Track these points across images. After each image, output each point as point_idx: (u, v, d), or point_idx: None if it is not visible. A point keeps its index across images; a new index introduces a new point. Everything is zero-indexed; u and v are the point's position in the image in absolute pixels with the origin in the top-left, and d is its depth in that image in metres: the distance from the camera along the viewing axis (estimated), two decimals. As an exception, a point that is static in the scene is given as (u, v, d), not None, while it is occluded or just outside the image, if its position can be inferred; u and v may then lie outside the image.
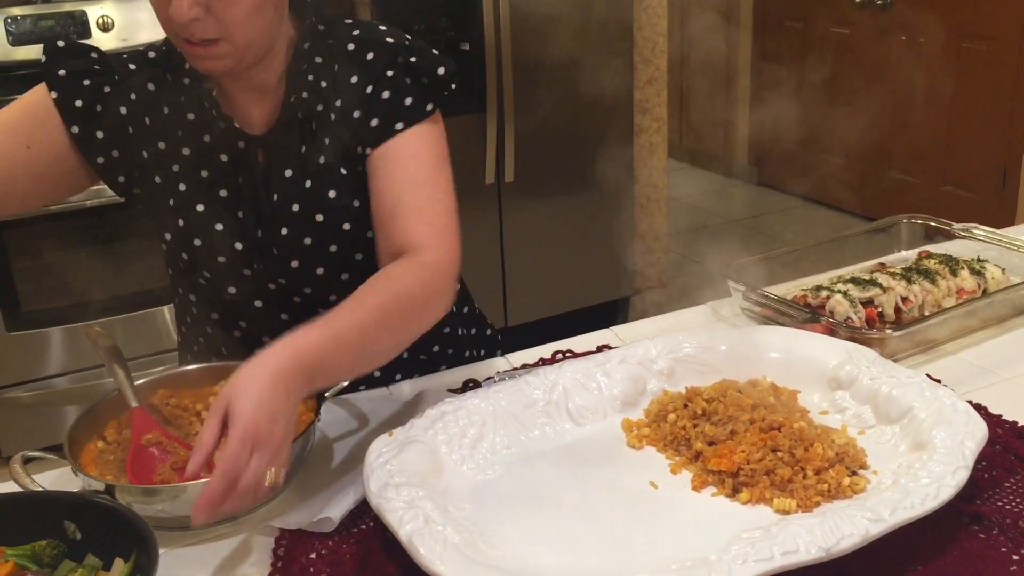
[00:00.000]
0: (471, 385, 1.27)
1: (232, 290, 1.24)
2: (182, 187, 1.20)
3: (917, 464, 0.99)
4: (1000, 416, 1.16)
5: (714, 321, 1.48)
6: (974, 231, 1.60)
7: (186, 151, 1.20)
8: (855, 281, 1.39)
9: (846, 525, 0.89)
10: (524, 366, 1.34)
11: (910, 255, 1.58)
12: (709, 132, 5.38)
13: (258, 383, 0.89)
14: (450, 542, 0.89)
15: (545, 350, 1.39)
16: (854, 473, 1.02)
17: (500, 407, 1.13)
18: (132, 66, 1.21)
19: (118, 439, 1.07)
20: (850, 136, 4.51)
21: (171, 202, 1.20)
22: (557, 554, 0.94)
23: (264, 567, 0.95)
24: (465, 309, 1.46)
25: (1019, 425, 1.14)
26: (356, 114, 1.18)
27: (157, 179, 1.21)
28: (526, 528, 0.98)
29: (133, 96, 1.19)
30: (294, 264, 1.21)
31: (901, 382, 1.12)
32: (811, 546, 0.86)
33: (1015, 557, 0.93)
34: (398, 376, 1.33)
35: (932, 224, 1.65)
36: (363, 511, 1.02)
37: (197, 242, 1.20)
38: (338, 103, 1.18)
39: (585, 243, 3.39)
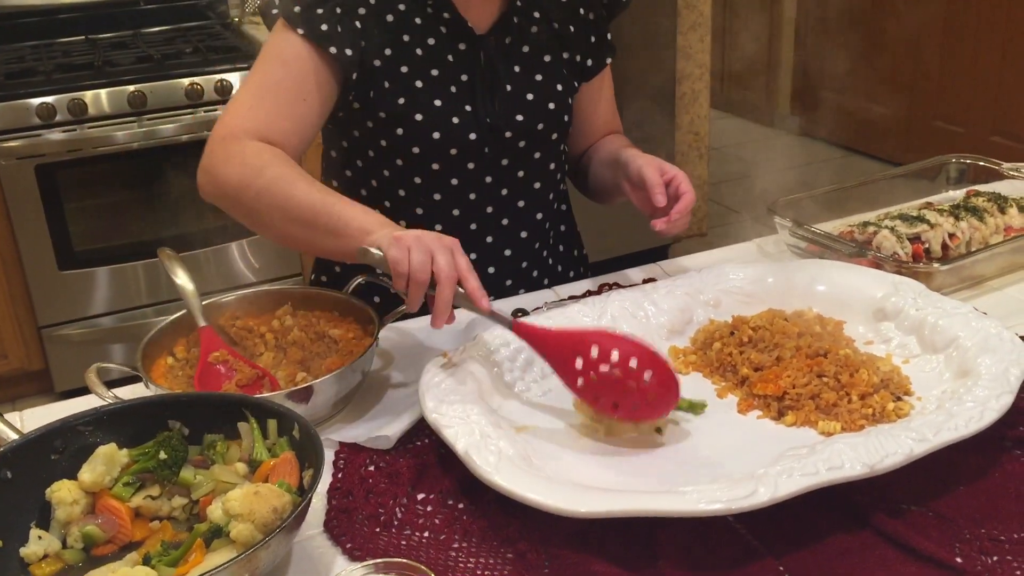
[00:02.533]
0: (520, 314, 1.30)
1: (455, 181, 1.35)
2: (418, 84, 1.30)
3: (962, 390, 1.01)
4: (1045, 348, 1.17)
5: (759, 257, 1.49)
6: (1023, 170, 1.59)
7: (418, 52, 1.30)
8: (902, 217, 1.40)
9: (891, 444, 0.91)
10: (571, 298, 1.36)
11: (957, 195, 1.58)
12: (751, 81, 5.32)
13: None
14: (505, 454, 0.93)
15: (592, 283, 1.42)
16: (899, 399, 1.05)
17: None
18: None
19: (187, 357, 1.12)
20: (895, 85, 4.44)
21: (402, 101, 1.29)
22: (606, 470, 0.97)
23: (325, 477, 1.00)
24: (563, 228, 1.54)
25: (1064, 357, 1.15)
26: (571, 28, 1.40)
27: (387, 83, 1.29)
28: (576, 446, 1.02)
29: (362, 11, 1.27)
30: (521, 144, 1.37)
31: (947, 312, 1.14)
32: (856, 463, 0.89)
33: (1057, 480, 0.95)
34: (509, 282, 1.44)
35: (980, 164, 1.65)
36: (418, 430, 1.06)
37: (436, 135, 1.30)
38: (554, 13, 1.38)
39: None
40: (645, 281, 1.38)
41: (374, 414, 1.10)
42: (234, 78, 2.76)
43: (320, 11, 1.24)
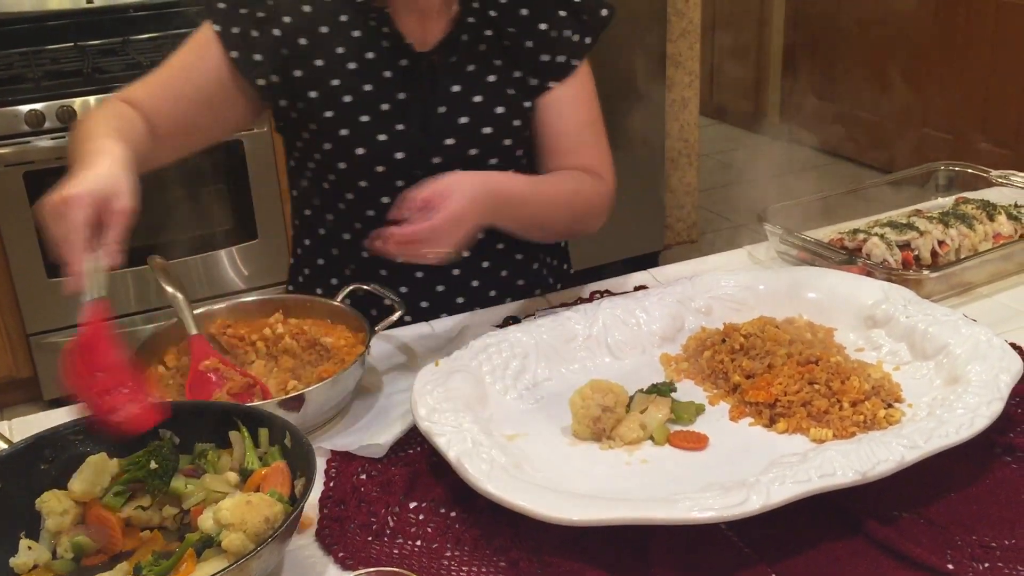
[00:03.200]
0: (511, 322, 1.30)
1: (385, 199, 1.29)
2: (347, 99, 1.27)
3: (952, 396, 1.01)
4: (1034, 355, 1.18)
5: (750, 264, 1.50)
6: (1012, 178, 1.60)
7: (352, 65, 1.27)
8: (892, 225, 1.40)
9: (882, 451, 0.91)
10: (563, 305, 1.36)
11: (947, 202, 1.58)
12: (740, 88, 5.34)
13: (471, 193, 1.12)
14: (497, 463, 0.93)
15: (583, 291, 1.42)
16: (889, 405, 1.05)
17: (542, 340, 1.16)
18: None
19: (177, 366, 1.12)
20: (882, 92, 4.46)
21: (329, 114, 1.27)
22: (599, 478, 0.97)
23: (317, 486, 0.99)
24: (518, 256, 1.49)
25: (1053, 363, 1.15)
26: (529, 44, 1.31)
27: (312, 94, 1.27)
28: (569, 454, 1.02)
29: (287, 19, 1.26)
30: (455, 168, 1.28)
31: (937, 320, 1.14)
32: (847, 470, 0.89)
33: (1047, 486, 0.95)
34: (461, 300, 1.39)
35: (969, 171, 1.65)
36: (410, 438, 1.06)
37: (360, 151, 1.28)
38: (511, 30, 1.31)
39: (615, 197, 3.40)
40: (636, 288, 1.38)
41: (366, 422, 1.10)
42: (224, 85, 2.75)
43: (243, 11, 1.25)
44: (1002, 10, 3.88)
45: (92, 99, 2.63)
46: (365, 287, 1.24)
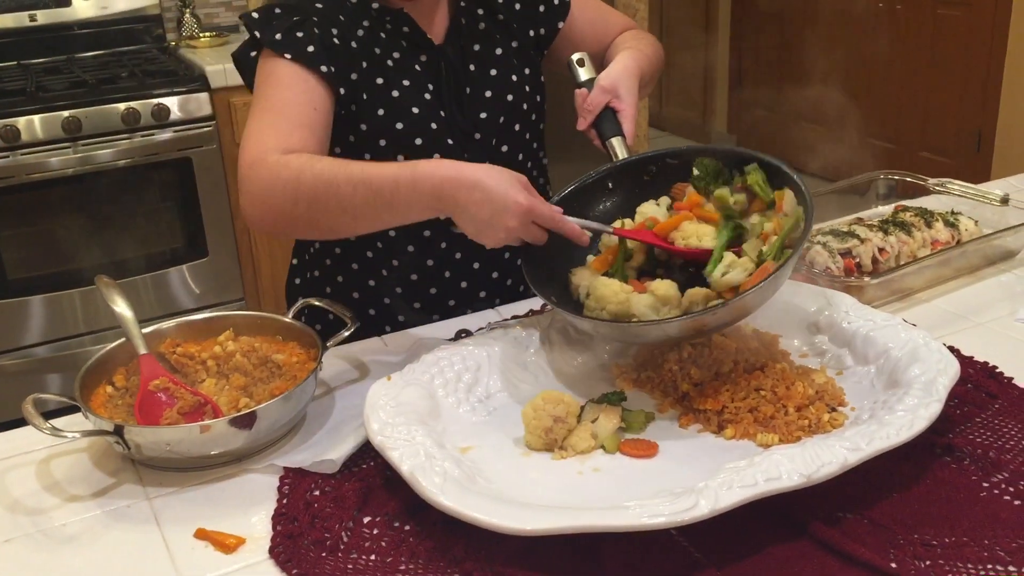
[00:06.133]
0: (463, 335, 1.31)
1: None
2: (395, 94, 1.34)
3: (893, 399, 1.04)
4: (972, 357, 1.21)
5: (698, 274, 1.52)
6: (949, 186, 1.65)
7: (389, 63, 1.35)
8: (834, 233, 1.44)
9: (826, 454, 0.93)
10: (515, 318, 1.37)
11: (886, 210, 1.62)
12: (688, 100, 5.41)
13: (632, 83, 1.35)
14: (450, 475, 0.94)
15: (535, 302, 1.43)
16: (833, 409, 1.07)
17: (494, 352, 1.17)
18: (319, 5, 1.32)
19: (127, 385, 1.10)
20: (826, 103, 4.55)
21: (381, 112, 1.34)
22: (551, 488, 0.98)
23: (270, 503, 0.99)
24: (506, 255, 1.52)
25: (990, 365, 1.19)
26: (517, 7, 1.45)
27: (364, 95, 1.33)
28: (521, 465, 1.03)
29: (334, 30, 1.30)
30: (493, 142, 1.42)
31: (877, 325, 1.17)
32: (793, 473, 0.91)
33: (984, 484, 0.98)
34: (483, 293, 1.48)
35: (908, 179, 1.70)
36: (363, 453, 1.06)
37: (419, 141, 1.35)
38: (497, 3, 1.44)
39: (567, 209, 3.43)
40: (587, 299, 1.39)
41: (319, 438, 1.10)
42: (172, 102, 2.73)
43: (300, 34, 1.27)
44: (940, 22, 3.99)
45: (36, 118, 2.60)
46: (316, 302, 1.24)
